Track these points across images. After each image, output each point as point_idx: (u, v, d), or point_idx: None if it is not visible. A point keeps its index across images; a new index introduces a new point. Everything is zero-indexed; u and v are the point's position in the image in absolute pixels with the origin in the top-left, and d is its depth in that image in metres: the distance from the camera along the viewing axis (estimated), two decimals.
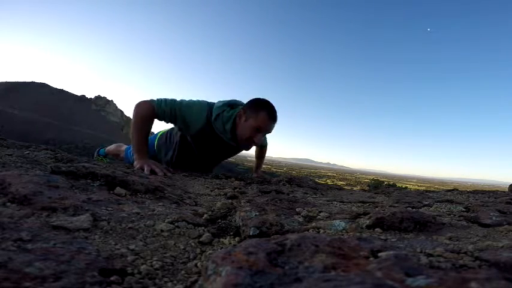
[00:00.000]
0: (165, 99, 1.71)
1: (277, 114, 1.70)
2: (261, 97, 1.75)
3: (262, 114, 1.64)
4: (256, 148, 2.44)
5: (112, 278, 0.38)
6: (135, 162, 1.60)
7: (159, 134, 2.20)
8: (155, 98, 1.72)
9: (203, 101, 1.78)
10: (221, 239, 0.63)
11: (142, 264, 0.45)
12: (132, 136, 1.67)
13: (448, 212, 0.94)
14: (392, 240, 0.58)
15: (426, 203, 1.13)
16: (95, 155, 2.78)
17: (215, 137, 1.75)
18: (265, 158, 2.54)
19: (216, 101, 1.79)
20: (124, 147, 2.56)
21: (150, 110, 1.68)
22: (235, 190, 1.25)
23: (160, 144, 2.12)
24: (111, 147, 2.74)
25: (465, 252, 0.44)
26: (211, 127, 1.71)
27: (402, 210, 0.71)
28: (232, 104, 1.75)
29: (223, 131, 1.71)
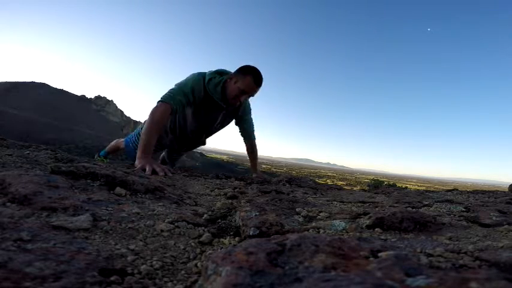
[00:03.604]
0: (172, 91, 1.89)
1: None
2: (251, 64, 2.00)
3: (248, 78, 1.90)
4: (246, 143, 2.48)
5: (112, 278, 0.38)
6: (136, 162, 1.61)
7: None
8: (163, 97, 1.86)
9: (194, 73, 2.04)
10: (221, 239, 0.63)
11: (142, 264, 0.45)
12: (144, 135, 1.75)
13: (448, 212, 0.94)
14: (392, 240, 0.58)
15: (426, 203, 1.13)
16: (96, 156, 2.79)
17: (210, 100, 2.01)
18: (266, 158, 2.56)
19: (206, 71, 2.06)
20: (122, 139, 2.58)
21: (168, 110, 1.84)
22: (235, 190, 1.25)
23: None
24: (111, 144, 2.76)
25: (465, 252, 0.44)
26: (206, 91, 1.97)
27: (402, 210, 0.71)
28: (221, 72, 2.03)
29: (214, 92, 1.97)
